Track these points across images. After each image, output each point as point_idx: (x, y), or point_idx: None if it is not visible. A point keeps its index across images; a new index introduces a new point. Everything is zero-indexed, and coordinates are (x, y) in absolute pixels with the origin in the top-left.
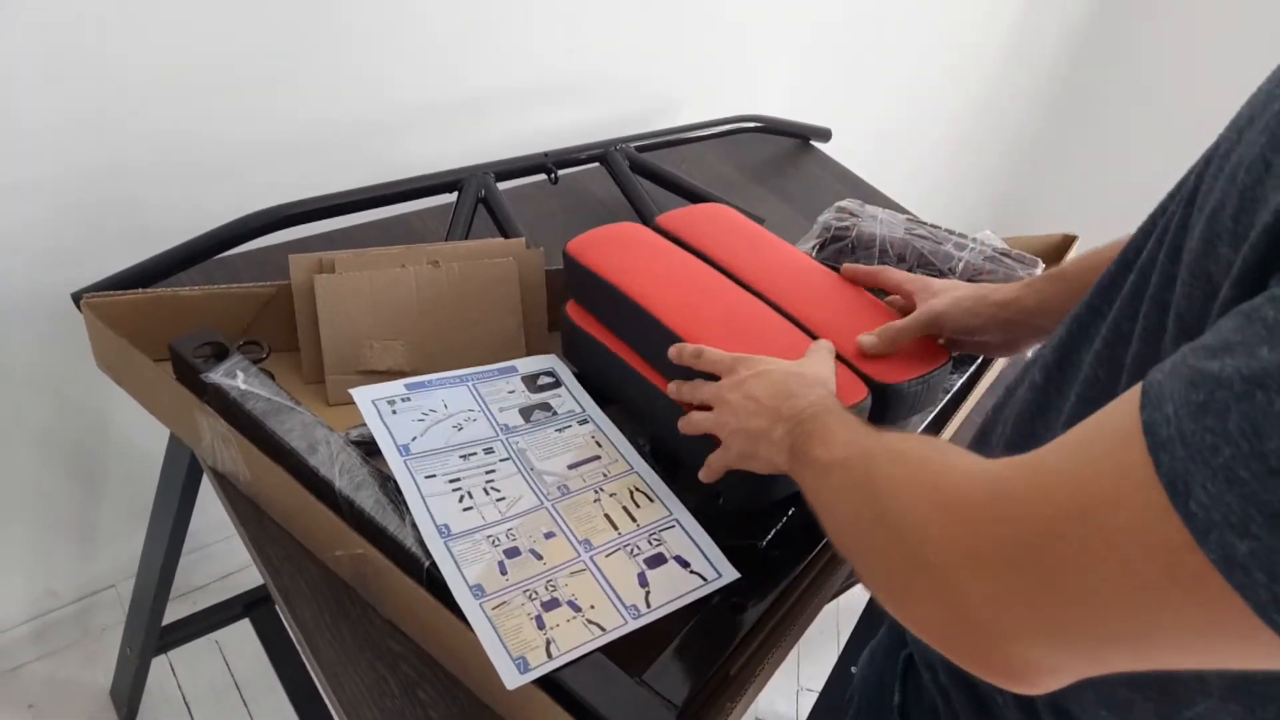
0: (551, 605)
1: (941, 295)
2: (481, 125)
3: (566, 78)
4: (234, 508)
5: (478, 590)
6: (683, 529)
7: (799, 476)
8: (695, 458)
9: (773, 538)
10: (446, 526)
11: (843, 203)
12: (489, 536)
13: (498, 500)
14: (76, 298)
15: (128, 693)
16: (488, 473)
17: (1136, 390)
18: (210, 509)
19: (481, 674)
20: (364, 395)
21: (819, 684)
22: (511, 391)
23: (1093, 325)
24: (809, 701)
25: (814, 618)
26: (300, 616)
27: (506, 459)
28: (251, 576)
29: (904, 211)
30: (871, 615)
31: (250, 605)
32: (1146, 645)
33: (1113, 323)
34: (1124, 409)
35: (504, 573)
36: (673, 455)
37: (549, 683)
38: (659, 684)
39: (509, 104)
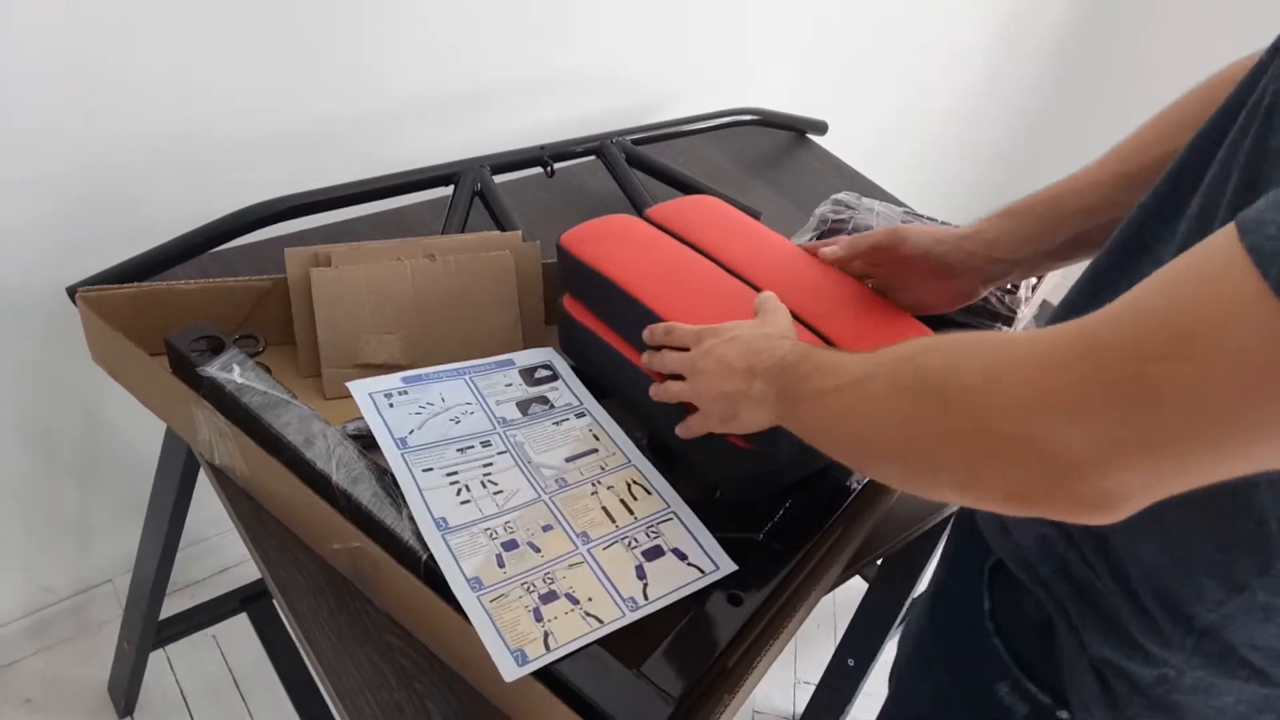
0: (549, 598)
1: (912, 238)
2: (477, 118)
3: (563, 70)
4: (231, 502)
5: (475, 583)
6: (680, 521)
7: (797, 416)
8: (692, 450)
9: (770, 530)
10: (444, 519)
11: (839, 195)
12: (486, 529)
13: (495, 493)
14: (72, 292)
15: (125, 687)
16: (485, 466)
17: (1226, 230)
18: (207, 503)
19: (479, 666)
20: (361, 389)
21: (816, 676)
22: (509, 385)
23: (1144, 256)
24: (806, 694)
25: (811, 610)
26: (298, 610)
27: (504, 452)
28: (249, 571)
29: (900, 204)
30: (874, 603)
31: (247, 599)
32: (1269, 444)
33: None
34: (1214, 248)
35: (501, 565)
36: (669, 448)
37: (547, 675)
38: (656, 676)
39: (505, 97)
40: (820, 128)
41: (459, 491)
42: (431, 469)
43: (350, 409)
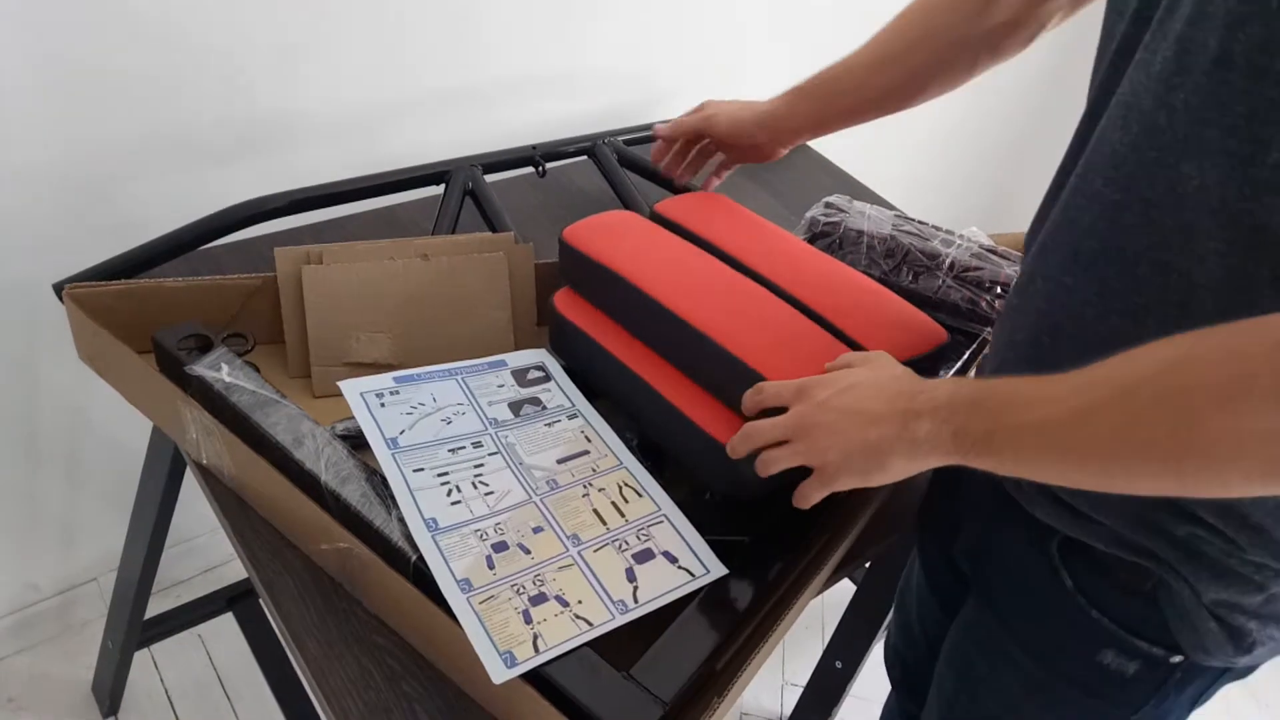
0: (539, 600)
1: (715, 107)
2: (469, 118)
3: (555, 70)
4: (218, 501)
5: (465, 584)
6: (671, 524)
7: (1000, 450)
8: (682, 451)
9: (759, 533)
10: (434, 520)
11: (830, 198)
12: (476, 531)
13: (486, 494)
14: (58, 289)
15: (109, 687)
16: (476, 467)
17: None
18: (194, 502)
19: (467, 668)
20: (352, 388)
21: (804, 678)
22: (501, 386)
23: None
24: (794, 696)
25: (800, 613)
26: (284, 610)
27: (495, 453)
28: (235, 570)
29: (891, 208)
30: (862, 605)
31: (234, 599)
32: None
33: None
34: None
35: (491, 567)
36: (660, 449)
37: (536, 677)
38: (646, 679)
39: (497, 96)
40: None
41: (449, 492)
42: (422, 469)
43: (339, 409)
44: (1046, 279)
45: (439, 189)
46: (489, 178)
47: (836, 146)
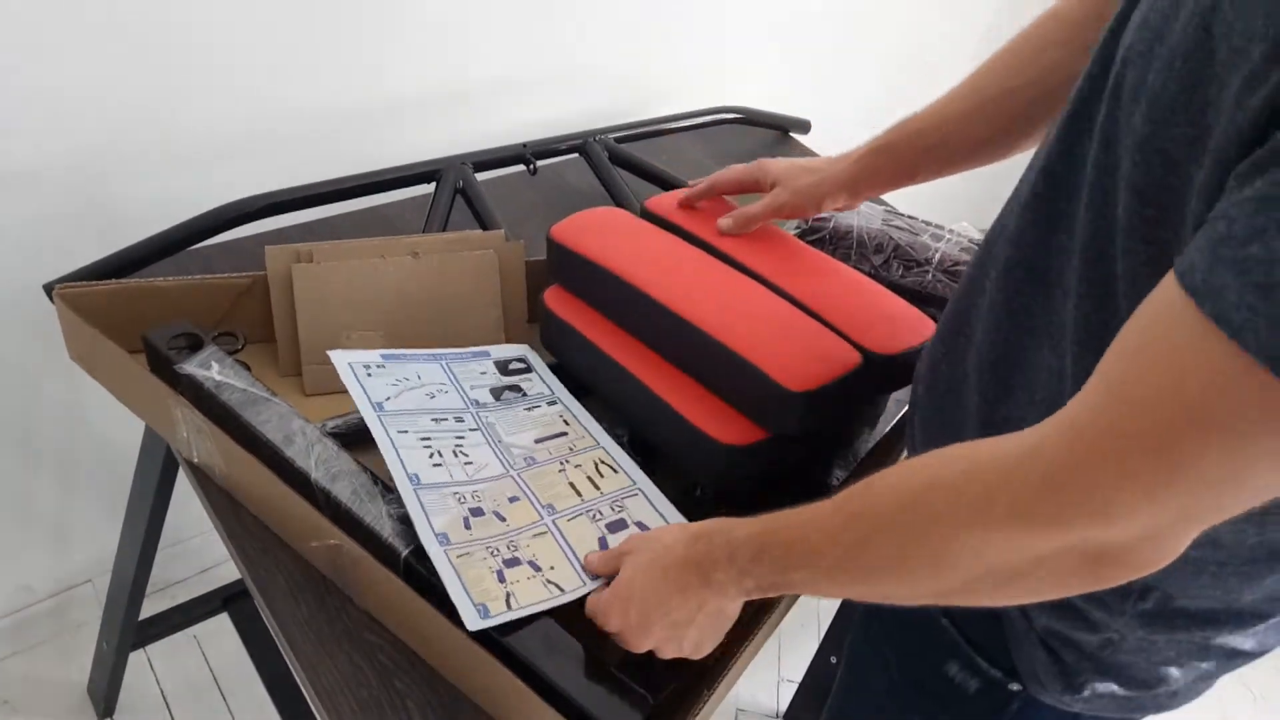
0: (513, 563)
1: (784, 185)
2: (460, 116)
3: (546, 68)
4: (210, 500)
5: (443, 538)
6: (645, 497)
7: (799, 590)
8: (673, 446)
9: None
10: (417, 475)
11: None
12: (455, 494)
13: (465, 464)
14: (49, 289)
15: (105, 688)
16: (457, 437)
17: (1170, 295)
18: (190, 503)
19: (458, 663)
20: (341, 358)
21: (800, 675)
22: (483, 373)
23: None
24: (789, 692)
25: (791, 606)
26: (276, 608)
27: (475, 429)
28: (230, 570)
29: (882, 203)
30: (856, 601)
31: (228, 599)
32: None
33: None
34: (1170, 317)
35: (468, 528)
36: (652, 445)
37: (526, 671)
38: (636, 672)
39: (488, 94)
40: (803, 126)
41: (431, 455)
42: (406, 432)
43: (330, 407)
44: (973, 280)
45: (430, 187)
46: (480, 176)
47: (828, 143)
